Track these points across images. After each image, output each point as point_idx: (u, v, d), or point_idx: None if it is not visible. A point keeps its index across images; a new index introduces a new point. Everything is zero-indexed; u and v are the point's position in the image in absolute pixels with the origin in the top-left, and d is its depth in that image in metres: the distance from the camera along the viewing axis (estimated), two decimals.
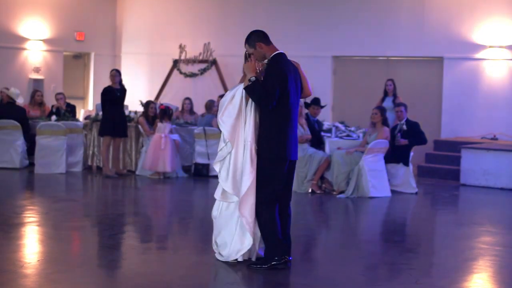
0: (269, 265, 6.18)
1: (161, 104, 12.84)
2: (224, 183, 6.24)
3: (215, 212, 6.44)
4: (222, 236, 6.36)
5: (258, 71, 6.20)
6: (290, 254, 6.31)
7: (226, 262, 6.29)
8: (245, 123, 6.21)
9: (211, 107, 13.14)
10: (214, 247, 6.45)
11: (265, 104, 6.08)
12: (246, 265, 6.22)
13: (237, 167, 6.20)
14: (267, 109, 6.10)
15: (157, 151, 12.11)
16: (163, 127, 12.29)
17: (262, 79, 6.18)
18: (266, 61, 6.26)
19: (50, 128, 12.44)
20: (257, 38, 6.26)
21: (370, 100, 13.52)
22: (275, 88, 6.04)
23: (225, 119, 6.20)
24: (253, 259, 6.34)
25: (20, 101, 13.11)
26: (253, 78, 6.09)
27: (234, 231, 6.27)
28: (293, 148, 6.26)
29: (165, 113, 12.40)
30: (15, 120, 12.68)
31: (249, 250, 6.32)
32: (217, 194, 6.35)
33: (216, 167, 6.36)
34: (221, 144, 6.31)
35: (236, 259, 6.29)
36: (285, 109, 6.17)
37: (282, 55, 6.25)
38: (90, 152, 13.09)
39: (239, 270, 6.13)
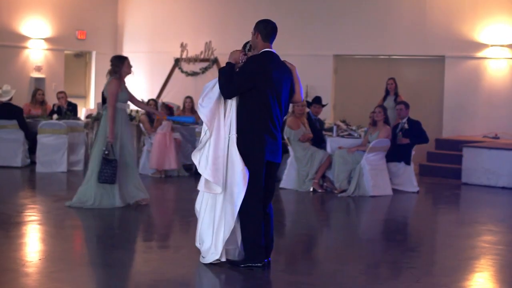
0: (244, 265, 6.09)
1: (168, 103, 12.91)
2: (204, 171, 6.05)
3: (198, 205, 6.31)
4: (202, 233, 6.25)
5: (240, 62, 6.17)
6: (270, 255, 6.24)
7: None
8: (224, 114, 6.11)
9: None
10: (198, 244, 6.31)
11: (224, 93, 6.06)
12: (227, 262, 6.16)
13: (218, 154, 6.05)
14: (226, 97, 6.08)
15: (163, 149, 12.11)
16: (166, 125, 12.30)
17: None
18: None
19: (51, 127, 12.44)
20: (260, 28, 6.17)
21: (372, 99, 13.51)
22: (239, 84, 6.01)
23: (204, 104, 6.10)
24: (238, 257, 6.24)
25: (7, 97, 12.89)
26: (230, 64, 6.11)
27: (212, 231, 6.15)
28: (271, 149, 6.11)
29: (170, 111, 12.55)
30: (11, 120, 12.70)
31: (234, 249, 6.23)
32: (201, 185, 6.16)
33: (195, 158, 6.15)
34: (202, 134, 6.20)
35: (219, 260, 6.15)
36: (261, 109, 6.05)
37: (267, 54, 6.13)
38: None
39: (240, 269, 6.11)
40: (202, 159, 6.09)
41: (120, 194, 8.87)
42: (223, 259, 6.17)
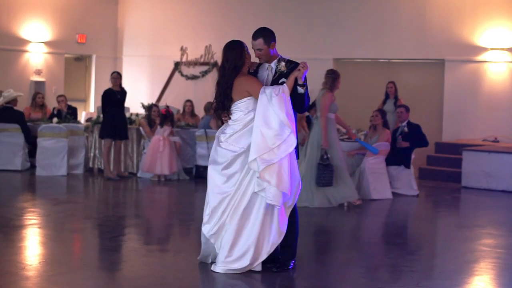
0: (291, 267, 6.19)
1: (161, 108, 12.84)
2: (286, 185, 5.85)
3: (219, 213, 6.02)
4: (240, 246, 6.01)
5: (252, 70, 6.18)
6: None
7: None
8: None
9: (210, 109, 13.15)
10: (221, 261, 6.07)
11: (306, 107, 6.13)
12: (269, 270, 6.11)
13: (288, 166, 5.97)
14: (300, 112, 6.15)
15: (155, 154, 12.12)
16: (162, 129, 12.31)
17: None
18: (276, 62, 6.13)
19: (51, 131, 12.45)
20: (273, 37, 6.15)
21: (371, 103, 13.52)
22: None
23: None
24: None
25: (8, 98, 12.85)
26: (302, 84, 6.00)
27: (255, 237, 5.97)
28: None
29: (166, 118, 12.41)
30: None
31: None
32: (273, 199, 5.84)
33: (268, 175, 5.80)
34: (266, 144, 5.81)
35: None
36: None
37: None
38: (92, 154, 13.10)
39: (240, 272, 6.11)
40: (285, 173, 5.86)
41: (326, 195, 9.74)
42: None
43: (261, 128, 5.84)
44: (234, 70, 6.06)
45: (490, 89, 14.30)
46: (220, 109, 6.12)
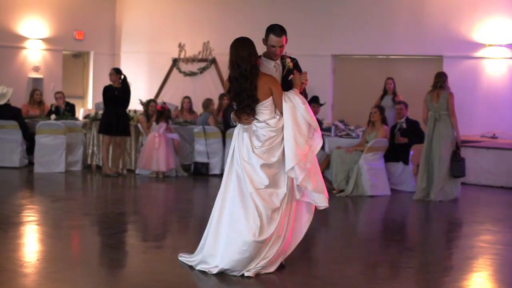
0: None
1: (158, 105, 12.82)
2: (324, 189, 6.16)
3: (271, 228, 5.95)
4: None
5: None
6: None
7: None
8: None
9: (208, 106, 13.15)
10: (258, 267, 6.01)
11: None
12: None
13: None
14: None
15: (151, 150, 12.12)
16: (158, 126, 12.30)
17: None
18: (280, 59, 6.10)
19: (49, 127, 12.44)
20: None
21: (370, 99, 13.51)
22: None
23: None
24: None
25: (3, 100, 12.82)
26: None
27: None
28: None
29: (161, 114, 12.39)
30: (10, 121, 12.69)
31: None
32: (325, 202, 6.22)
33: (308, 182, 6.00)
34: (294, 153, 5.85)
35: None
36: None
37: None
38: (90, 151, 13.09)
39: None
40: (320, 181, 6.10)
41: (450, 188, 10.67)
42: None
43: (295, 136, 5.84)
44: (252, 69, 5.84)
45: (489, 85, 14.29)
46: (248, 111, 5.91)
